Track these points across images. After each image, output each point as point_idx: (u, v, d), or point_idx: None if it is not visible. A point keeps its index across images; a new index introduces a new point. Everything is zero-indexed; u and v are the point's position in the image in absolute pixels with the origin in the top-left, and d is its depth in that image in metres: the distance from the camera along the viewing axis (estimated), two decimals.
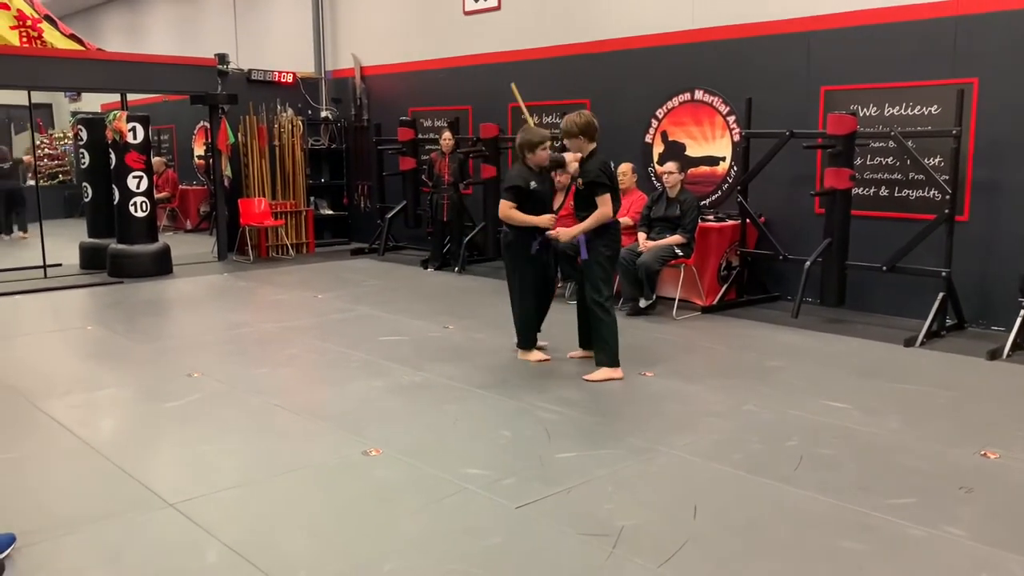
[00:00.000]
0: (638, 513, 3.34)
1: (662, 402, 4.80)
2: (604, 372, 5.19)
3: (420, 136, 10.67)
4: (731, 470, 3.77)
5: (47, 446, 4.20)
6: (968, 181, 6.45)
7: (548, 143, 5.43)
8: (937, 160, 6.54)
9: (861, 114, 6.86)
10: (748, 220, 7.38)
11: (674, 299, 7.21)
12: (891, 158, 6.89)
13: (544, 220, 5.40)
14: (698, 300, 7.31)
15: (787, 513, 3.35)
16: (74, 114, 16.89)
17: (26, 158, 15.70)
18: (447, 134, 9.41)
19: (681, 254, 7.02)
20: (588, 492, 3.54)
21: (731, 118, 7.86)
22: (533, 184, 5.41)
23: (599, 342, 5.25)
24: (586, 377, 5.17)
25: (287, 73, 11.79)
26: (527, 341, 5.65)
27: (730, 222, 7.53)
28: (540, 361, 5.59)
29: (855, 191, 6.68)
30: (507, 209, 5.35)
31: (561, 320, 6.31)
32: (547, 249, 5.57)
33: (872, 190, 7.01)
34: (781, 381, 5.19)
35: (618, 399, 4.87)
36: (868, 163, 7.01)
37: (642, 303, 7.02)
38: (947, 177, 6.23)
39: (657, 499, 3.50)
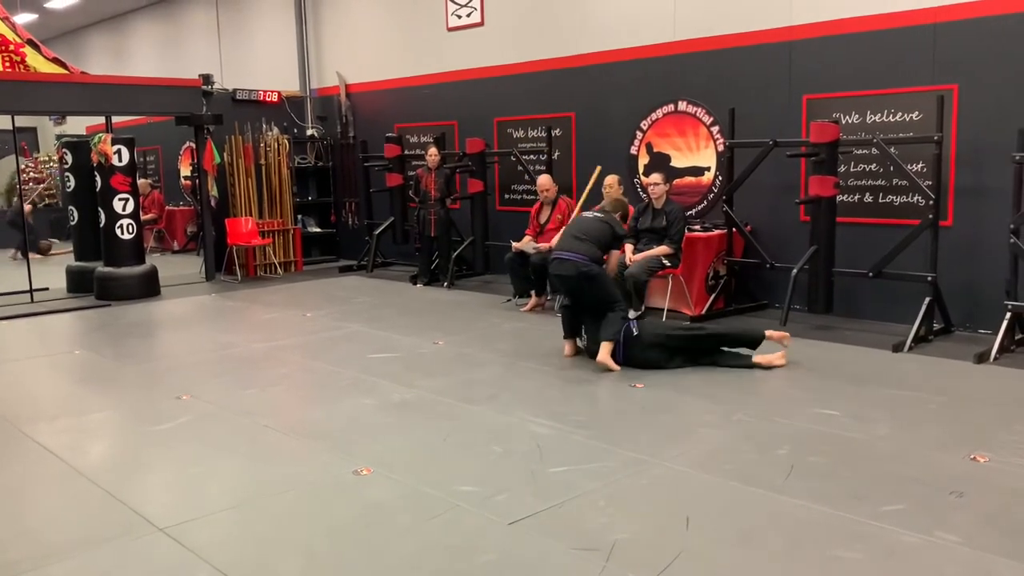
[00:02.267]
0: (631, 526, 3.33)
1: (653, 414, 4.79)
2: None
3: (406, 152, 10.69)
4: (723, 480, 3.77)
5: (34, 472, 4.15)
6: (951, 186, 6.50)
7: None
8: (920, 166, 6.59)
9: (843, 122, 6.91)
10: (734, 229, 7.40)
11: (663, 309, 7.22)
12: (874, 165, 6.93)
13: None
14: (687, 310, 7.32)
15: (780, 523, 3.34)
16: (59, 137, 16.86)
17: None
18: (433, 150, 9.41)
19: (668, 264, 7.03)
20: (580, 506, 3.53)
21: (715, 128, 7.90)
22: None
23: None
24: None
25: (272, 92, 11.81)
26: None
27: (716, 232, 7.56)
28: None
29: (840, 198, 6.72)
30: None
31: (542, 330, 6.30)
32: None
33: (856, 197, 7.05)
34: (770, 389, 5.20)
35: (609, 411, 4.87)
36: (852, 170, 7.05)
37: (631, 314, 6.99)
38: (930, 183, 6.27)
39: (650, 511, 3.49)
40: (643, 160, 8.53)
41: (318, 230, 12.32)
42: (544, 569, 3.02)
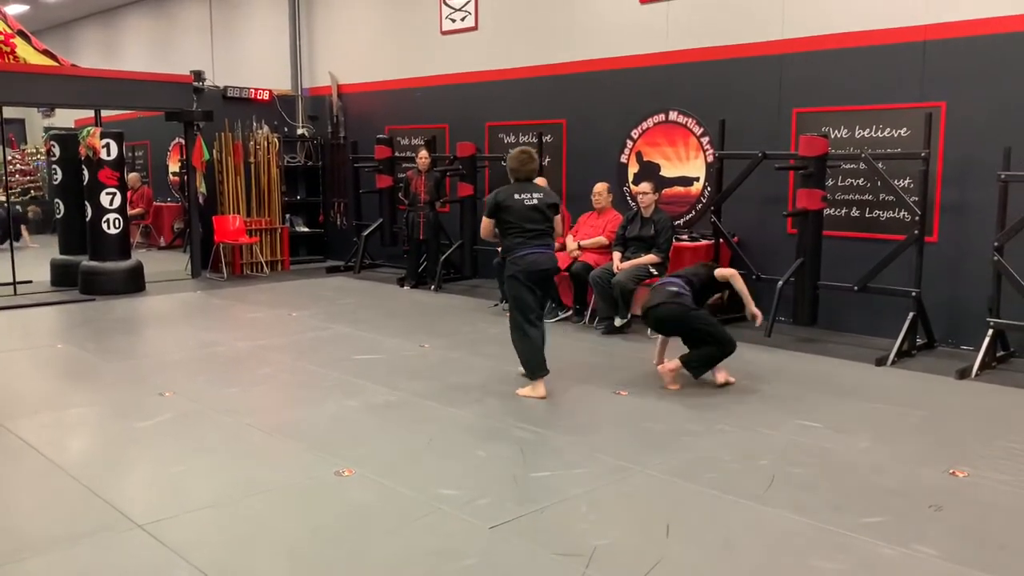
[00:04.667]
0: (612, 533, 3.33)
1: (637, 421, 4.81)
2: (528, 388, 5.29)
3: (397, 154, 10.69)
4: (704, 489, 3.78)
5: (14, 466, 4.12)
6: (937, 202, 6.56)
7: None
8: (907, 182, 6.64)
9: (832, 136, 6.96)
10: (722, 240, 7.44)
11: None
12: (862, 179, 6.98)
13: None
14: None
15: (760, 532, 3.36)
16: (47, 129, 16.75)
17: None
18: (423, 152, 9.41)
19: (656, 273, 7.05)
20: (562, 512, 3.54)
21: (705, 139, 7.94)
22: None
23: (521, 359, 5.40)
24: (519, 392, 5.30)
25: (263, 90, 11.77)
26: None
27: (704, 242, 7.59)
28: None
29: (826, 212, 6.77)
30: None
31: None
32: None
33: (843, 211, 7.10)
34: (754, 400, 5.23)
35: (592, 418, 4.88)
36: (839, 184, 7.10)
37: (617, 322, 7.04)
38: (916, 198, 6.33)
39: (631, 518, 3.50)
40: (633, 168, 8.57)
41: (306, 230, 12.30)
42: (525, 574, 3.02)
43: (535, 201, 5.24)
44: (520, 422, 4.71)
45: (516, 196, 5.23)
